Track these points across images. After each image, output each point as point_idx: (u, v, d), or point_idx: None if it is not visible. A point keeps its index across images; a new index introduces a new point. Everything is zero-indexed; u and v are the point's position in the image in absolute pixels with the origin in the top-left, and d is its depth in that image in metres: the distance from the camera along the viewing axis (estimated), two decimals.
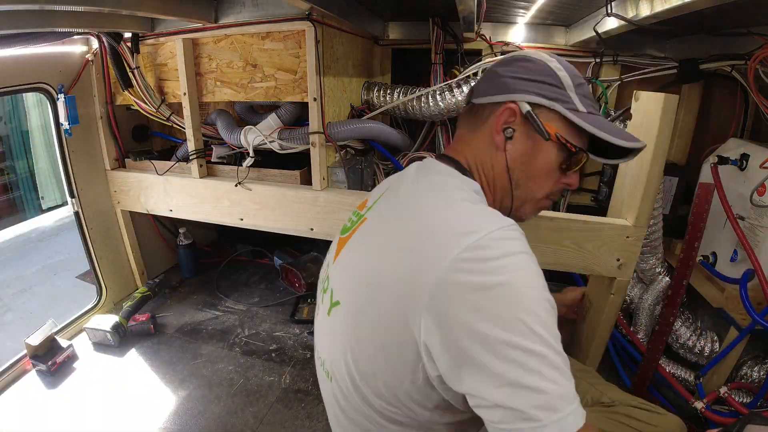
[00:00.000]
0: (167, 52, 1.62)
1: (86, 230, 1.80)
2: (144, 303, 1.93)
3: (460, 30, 1.62)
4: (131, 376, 1.57)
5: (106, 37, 1.55)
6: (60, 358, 1.58)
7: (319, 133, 1.47)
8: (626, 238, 1.25)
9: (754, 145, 1.34)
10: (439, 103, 1.66)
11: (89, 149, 1.77)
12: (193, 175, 1.70)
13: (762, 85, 1.27)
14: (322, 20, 1.37)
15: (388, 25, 1.87)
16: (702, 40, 1.52)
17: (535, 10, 1.52)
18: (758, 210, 1.25)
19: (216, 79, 1.59)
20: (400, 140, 1.80)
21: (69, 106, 1.60)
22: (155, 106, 1.66)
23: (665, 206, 1.61)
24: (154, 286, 2.03)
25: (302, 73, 1.45)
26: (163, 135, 2.07)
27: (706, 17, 1.09)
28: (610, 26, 1.31)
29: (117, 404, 1.43)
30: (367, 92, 1.77)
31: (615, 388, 1.05)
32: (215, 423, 1.36)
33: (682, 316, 1.51)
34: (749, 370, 1.37)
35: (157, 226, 2.16)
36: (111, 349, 1.69)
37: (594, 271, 1.30)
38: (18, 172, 4.59)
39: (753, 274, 1.23)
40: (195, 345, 1.71)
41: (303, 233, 1.62)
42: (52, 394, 1.48)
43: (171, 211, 1.79)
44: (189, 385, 1.51)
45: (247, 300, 2.04)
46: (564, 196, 1.82)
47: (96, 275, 1.89)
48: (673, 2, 0.95)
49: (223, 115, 1.72)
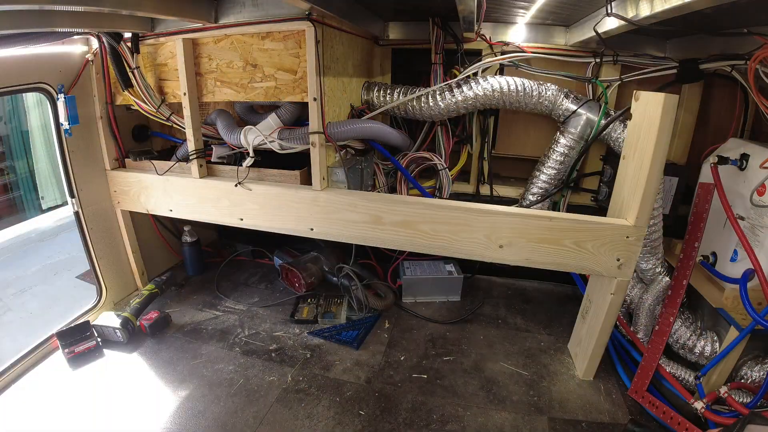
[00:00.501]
0: (167, 52, 1.62)
1: (86, 230, 1.80)
2: (152, 300, 1.94)
3: (460, 30, 1.63)
4: (134, 374, 1.56)
5: (106, 37, 1.55)
6: (81, 347, 1.61)
7: (319, 133, 1.47)
8: (626, 238, 1.25)
9: (754, 145, 1.34)
10: (439, 103, 1.66)
11: (89, 149, 1.77)
12: (193, 175, 1.70)
13: (762, 85, 1.27)
14: (322, 20, 1.37)
15: (388, 25, 1.87)
16: (702, 40, 1.52)
17: (535, 10, 1.52)
18: (758, 210, 1.25)
19: (216, 79, 1.59)
20: (400, 140, 1.80)
21: (69, 106, 1.60)
22: (155, 106, 1.66)
23: (665, 206, 1.61)
24: (162, 283, 2.04)
25: (302, 73, 1.45)
26: (163, 135, 2.07)
27: (706, 17, 1.09)
28: (610, 26, 1.31)
29: (117, 404, 1.43)
30: (367, 92, 1.77)
31: None
32: (215, 423, 1.36)
33: (682, 316, 1.51)
34: (749, 370, 1.37)
35: (157, 226, 2.16)
36: (119, 345, 1.69)
37: (594, 271, 1.30)
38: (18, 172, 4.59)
39: (753, 274, 1.23)
40: (195, 345, 1.71)
41: (303, 233, 1.62)
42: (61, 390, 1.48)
43: (171, 211, 1.79)
44: (189, 385, 1.51)
45: (247, 300, 2.04)
46: (564, 196, 1.82)
47: (96, 275, 1.89)
48: (673, 2, 0.95)
49: (223, 115, 1.72)
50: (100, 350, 1.66)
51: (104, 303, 1.91)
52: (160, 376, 1.56)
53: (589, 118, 1.61)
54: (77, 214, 1.78)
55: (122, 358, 1.65)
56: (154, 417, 1.37)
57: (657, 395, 1.47)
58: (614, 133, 1.59)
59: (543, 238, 1.33)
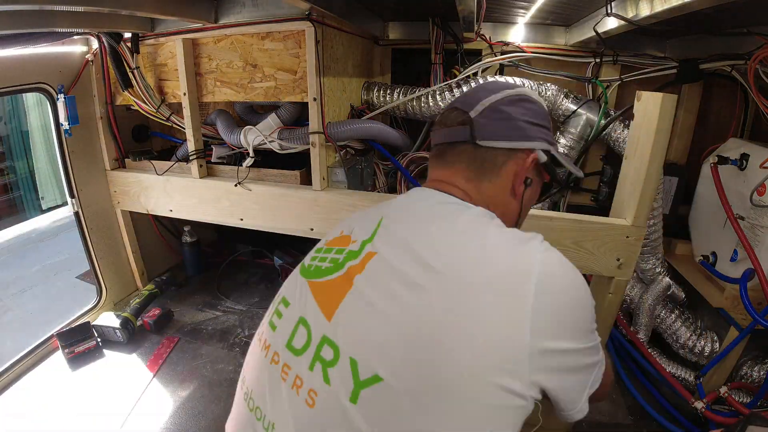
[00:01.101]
0: (167, 52, 1.62)
1: (86, 230, 1.80)
2: (152, 300, 1.95)
3: (460, 30, 1.62)
4: (134, 375, 1.56)
5: (106, 37, 1.54)
6: (81, 348, 1.61)
7: (319, 133, 1.47)
8: (626, 238, 1.25)
9: (754, 145, 1.34)
10: (439, 103, 1.66)
11: (89, 149, 1.77)
12: (193, 175, 1.70)
13: (762, 85, 1.27)
14: (322, 20, 1.37)
15: (388, 25, 1.87)
16: (702, 40, 1.52)
17: (535, 10, 1.52)
18: (758, 210, 1.25)
19: (216, 79, 1.59)
20: (400, 140, 1.80)
21: (69, 107, 1.60)
22: (155, 106, 1.66)
23: (665, 206, 1.61)
24: (162, 283, 2.04)
25: (302, 73, 1.45)
26: (163, 135, 2.07)
27: (706, 17, 1.09)
28: (610, 26, 1.31)
29: (117, 404, 1.43)
30: (367, 92, 1.77)
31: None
32: (215, 423, 1.35)
33: (682, 316, 1.51)
34: (749, 370, 1.37)
35: (157, 226, 2.16)
36: (119, 345, 1.69)
37: (593, 270, 1.30)
38: (18, 173, 4.60)
39: (753, 274, 1.23)
40: (195, 345, 1.71)
41: (303, 233, 1.62)
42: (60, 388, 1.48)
43: (171, 211, 1.79)
44: (189, 385, 1.51)
45: (247, 300, 2.04)
46: (564, 196, 1.82)
47: (96, 275, 1.89)
48: (673, 2, 0.95)
49: (223, 115, 1.72)
50: (100, 350, 1.66)
51: (104, 303, 1.91)
52: (160, 376, 1.56)
53: (589, 118, 1.61)
54: (77, 214, 1.78)
55: (122, 358, 1.65)
56: (154, 417, 1.37)
57: (657, 395, 1.47)
58: (614, 133, 1.59)
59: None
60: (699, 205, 1.57)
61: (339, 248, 0.68)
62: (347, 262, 0.63)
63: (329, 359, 0.55)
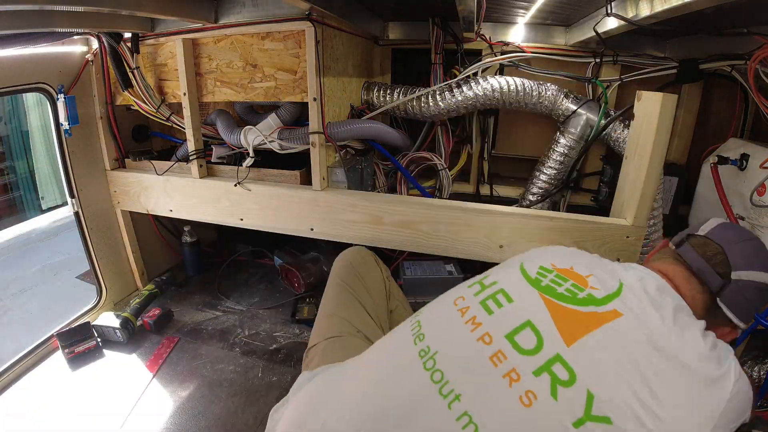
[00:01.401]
0: (167, 52, 1.62)
1: (86, 230, 1.80)
2: (152, 300, 1.94)
3: (460, 30, 1.63)
4: (134, 375, 1.56)
5: (106, 37, 1.55)
6: (81, 348, 1.60)
7: (319, 133, 1.47)
8: (626, 238, 1.25)
9: (754, 145, 1.34)
10: (439, 103, 1.66)
11: (89, 149, 1.77)
12: (193, 175, 1.70)
13: (762, 85, 1.27)
14: (322, 20, 1.37)
15: (388, 25, 1.87)
16: (702, 40, 1.52)
17: (535, 10, 1.52)
18: (758, 210, 1.25)
19: (216, 79, 1.59)
20: (400, 140, 1.80)
21: (69, 107, 1.60)
22: (155, 106, 1.66)
23: (665, 206, 1.61)
24: (162, 283, 2.04)
25: (302, 73, 1.45)
26: (163, 135, 2.07)
27: (706, 17, 1.09)
28: (610, 26, 1.31)
29: (117, 404, 1.43)
30: (367, 92, 1.77)
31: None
32: (215, 423, 1.35)
33: None
34: (749, 370, 1.37)
35: (157, 226, 2.16)
36: (119, 345, 1.69)
37: None
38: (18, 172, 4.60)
39: None
40: (195, 345, 1.71)
41: (303, 233, 1.62)
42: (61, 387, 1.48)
43: (171, 211, 1.79)
44: (189, 385, 1.51)
45: (247, 300, 2.04)
46: (564, 196, 1.82)
47: (96, 275, 1.89)
48: (673, 2, 0.95)
49: (223, 115, 1.72)
50: (100, 350, 1.66)
51: (104, 303, 1.91)
52: (160, 376, 1.56)
53: (589, 118, 1.61)
54: (77, 214, 1.78)
55: (122, 358, 1.64)
56: (154, 417, 1.37)
57: None
58: (614, 133, 1.59)
59: (543, 238, 1.33)
60: (699, 205, 1.57)
61: (576, 284, 0.72)
62: (590, 305, 0.68)
63: (563, 379, 0.60)
